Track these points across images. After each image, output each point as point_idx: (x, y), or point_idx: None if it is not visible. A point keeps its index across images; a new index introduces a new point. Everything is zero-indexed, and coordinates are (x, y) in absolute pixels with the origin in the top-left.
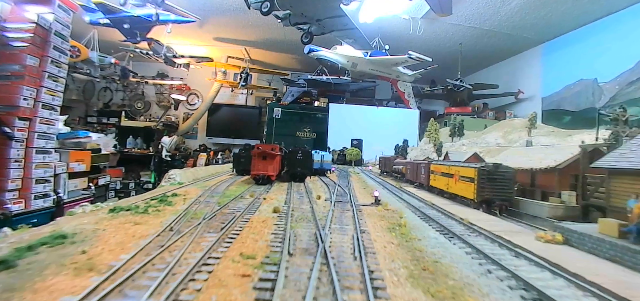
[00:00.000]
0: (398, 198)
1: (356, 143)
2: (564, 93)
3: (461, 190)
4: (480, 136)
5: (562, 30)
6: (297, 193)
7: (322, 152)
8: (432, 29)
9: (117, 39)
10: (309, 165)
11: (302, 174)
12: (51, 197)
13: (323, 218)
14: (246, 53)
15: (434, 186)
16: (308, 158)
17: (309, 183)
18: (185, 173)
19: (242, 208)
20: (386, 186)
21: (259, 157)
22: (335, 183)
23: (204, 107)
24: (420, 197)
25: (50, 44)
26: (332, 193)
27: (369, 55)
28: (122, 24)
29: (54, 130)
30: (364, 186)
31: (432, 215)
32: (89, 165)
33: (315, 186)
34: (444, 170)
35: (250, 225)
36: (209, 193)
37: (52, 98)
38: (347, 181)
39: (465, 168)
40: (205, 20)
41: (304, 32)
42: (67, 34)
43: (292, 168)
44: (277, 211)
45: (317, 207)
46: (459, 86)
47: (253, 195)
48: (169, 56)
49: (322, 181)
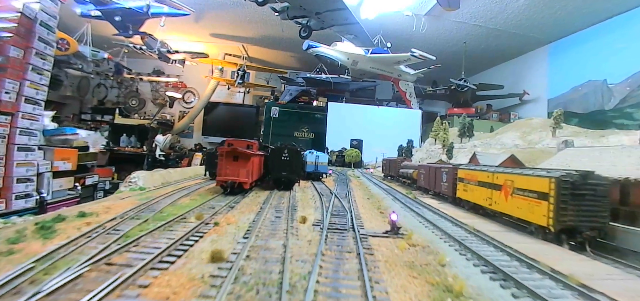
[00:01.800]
0: (420, 219)
1: (356, 144)
2: (571, 95)
3: (520, 210)
4: (495, 137)
5: (569, 30)
6: (275, 210)
7: (317, 153)
8: (436, 27)
9: (111, 34)
10: (297, 168)
11: (289, 180)
12: (34, 197)
13: (301, 278)
14: (244, 50)
15: (463, 199)
16: (297, 159)
17: (298, 192)
18: (152, 176)
19: (159, 249)
20: (396, 195)
21: (227, 158)
22: (331, 191)
23: (200, 105)
24: (451, 216)
25: (35, 35)
26: (326, 210)
27: (370, 52)
28: (113, 16)
29: (37, 127)
30: (368, 195)
31: (492, 256)
32: (75, 164)
33: (305, 196)
34: (483, 178)
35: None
36: (139, 210)
37: (36, 92)
38: (347, 188)
39: (528, 177)
40: (201, 15)
41: (302, 26)
42: (53, 25)
43: (276, 171)
44: (219, 258)
45: (298, 241)
46: (462, 86)
47: (201, 217)
48: (163, 51)
49: (315, 188)
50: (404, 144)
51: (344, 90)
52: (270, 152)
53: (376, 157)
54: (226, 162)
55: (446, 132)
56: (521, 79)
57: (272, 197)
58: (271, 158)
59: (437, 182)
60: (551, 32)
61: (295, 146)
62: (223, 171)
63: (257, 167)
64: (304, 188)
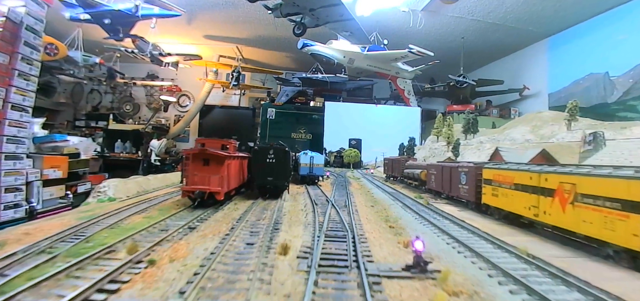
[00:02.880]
0: (444, 237)
1: (354, 144)
2: (572, 89)
3: (589, 225)
4: (502, 132)
5: (569, 23)
6: (250, 231)
7: (312, 153)
8: (433, 23)
9: (102, 38)
10: (285, 172)
11: (276, 186)
12: (23, 207)
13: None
14: (238, 51)
15: (492, 205)
16: (285, 161)
17: (287, 201)
18: (126, 184)
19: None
20: (404, 201)
21: (196, 162)
22: (327, 198)
23: (195, 108)
24: (483, 231)
25: (20, 40)
26: (319, 228)
27: (367, 50)
28: (102, 19)
29: (25, 134)
30: (371, 201)
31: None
32: (66, 172)
33: (295, 206)
34: (523, 180)
35: None
36: (63, 237)
37: (23, 98)
38: (346, 193)
39: (603, 179)
40: (193, 16)
41: (296, 23)
42: (40, 29)
43: (260, 177)
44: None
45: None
46: (462, 82)
47: (135, 250)
48: (155, 54)
49: (309, 194)
50: (404, 143)
51: (341, 90)
52: (253, 153)
53: (376, 157)
54: (194, 166)
55: (451, 128)
56: (520, 74)
57: (254, 208)
58: (254, 161)
59: (453, 184)
60: (550, 25)
61: (283, 145)
62: (190, 178)
63: (236, 172)
64: (295, 194)
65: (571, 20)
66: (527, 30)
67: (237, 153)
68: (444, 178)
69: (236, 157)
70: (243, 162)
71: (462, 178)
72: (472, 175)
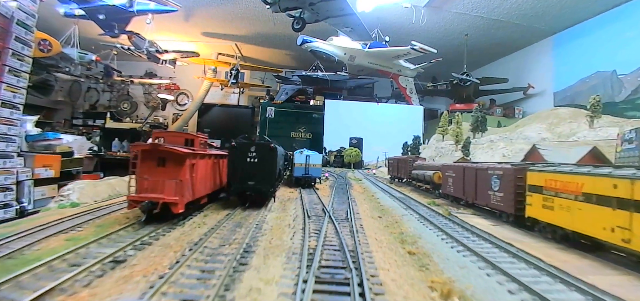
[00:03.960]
0: (498, 275)
1: (355, 143)
2: (578, 88)
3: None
4: (515, 130)
5: (575, 19)
6: (198, 272)
7: (308, 152)
8: (436, 19)
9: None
10: (271, 174)
11: (258, 192)
12: (13, 207)
13: None
14: (237, 49)
15: (543, 220)
16: (270, 160)
17: (272, 212)
18: (96, 187)
19: None
20: (419, 210)
21: (147, 161)
22: (324, 208)
23: (194, 107)
24: (550, 263)
25: (11, 35)
26: (307, 267)
27: (368, 47)
28: (97, 14)
29: (16, 132)
30: (378, 209)
31: None
32: (58, 171)
33: (281, 220)
34: (600, 189)
35: None
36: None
37: (13, 95)
38: (347, 199)
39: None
40: (191, 12)
41: (295, 18)
42: (32, 24)
43: (239, 181)
44: None
45: None
46: (465, 80)
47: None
48: (152, 51)
49: (302, 201)
50: (407, 142)
51: (342, 88)
52: (229, 150)
53: (377, 156)
54: (145, 168)
55: (460, 126)
56: (525, 72)
57: (225, 224)
58: (231, 161)
59: (480, 189)
60: (556, 23)
61: (268, 141)
62: (140, 183)
63: (206, 174)
64: (286, 201)
65: (577, 17)
66: (532, 27)
67: (209, 150)
68: (466, 182)
69: (207, 155)
70: (221, 162)
71: (494, 183)
72: (510, 179)
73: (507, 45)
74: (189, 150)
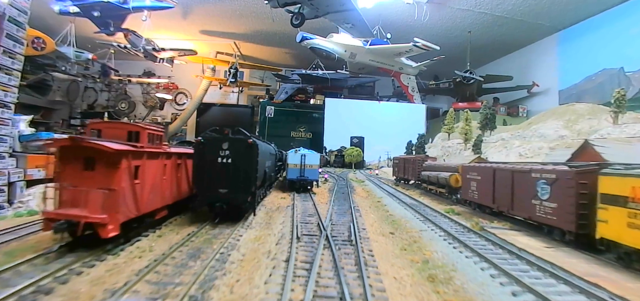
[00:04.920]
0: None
1: (357, 142)
2: (584, 85)
3: None
4: (529, 127)
5: (581, 16)
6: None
7: (304, 151)
8: (439, 16)
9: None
10: (248, 178)
11: (232, 203)
12: (5, 209)
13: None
14: (236, 47)
15: (628, 246)
16: (249, 160)
17: (252, 229)
18: None
19: None
20: (441, 223)
21: (72, 162)
22: (321, 222)
23: (193, 106)
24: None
25: (2, 32)
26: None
27: (369, 44)
28: (91, 11)
29: (7, 132)
30: (389, 222)
31: None
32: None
33: (259, 246)
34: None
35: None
36: None
37: (5, 94)
38: (350, 208)
39: None
40: (188, 10)
41: (293, 14)
42: (24, 21)
43: (210, 187)
44: None
45: None
46: (469, 78)
47: None
48: (148, 49)
49: (294, 211)
50: (412, 141)
51: (342, 87)
52: (195, 148)
53: (379, 156)
54: (68, 171)
55: (469, 123)
56: (529, 70)
57: (177, 252)
58: (198, 162)
59: (518, 197)
60: (561, 19)
61: (246, 135)
62: (59, 194)
63: (159, 180)
64: (273, 212)
65: (583, 13)
66: (537, 24)
67: (166, 147)
68: (498, 186)
69: (164, 154)
70: (187, 163)
71: (542, 190)
72: (569, 185)
73: (511, 42)
74: (128, 147)
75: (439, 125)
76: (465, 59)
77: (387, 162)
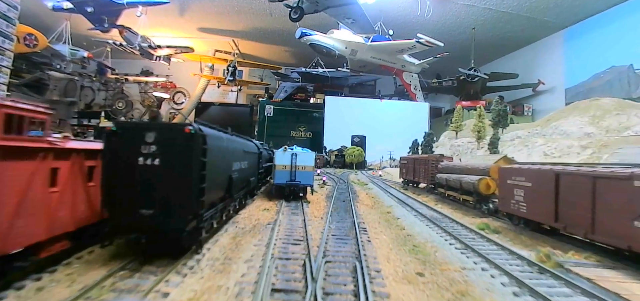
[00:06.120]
0: None
1: (358, 141)
2: (592, 83)
3: None
4: (548, 125)
5: (588, 12)
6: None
7: (296, 149)
8: (442, 12)
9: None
10: (187, 194)
11: (164, 227)
12: None
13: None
14: (234, 45)
15: None
16: (186, 160)
17: (191, 276)
18: None
19: None
20: (487, 253)
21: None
22: (308, 257)
23: (191, 105)
24: None
25: None
26: None
27: (371, 40)
28: (85, 7)
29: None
30: (410, 247)
31: None
32: None
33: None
34: None
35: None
36: None
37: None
38: (353, 225)
39: None
40: (186, 6)
41: (292, 8)
42: (14, 17)
43: (125, 205)
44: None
45: None
46: (473, 76)
47: None
48: (144, 46)
49: (276, 229)
50: (417, 139)
51: (343, 86)
52: (105, 142)
53: (382, 156)
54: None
55: (482, 120)
56: (534, 68)
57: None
58: (107, 166)
59: (602, 214)
60: (567, 15)
61: (183, 123)
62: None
63: (23, 197)
64: (243, 235)
65: (590, 9)
66: (542, 21)
67: (60, 141)
68: (565, 198)
69: (41, 152)
70: (76, 164)
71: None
72: None
73: (516, 39)
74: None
75: (441, 124)
76: (468, 57)
77: (390, 162)
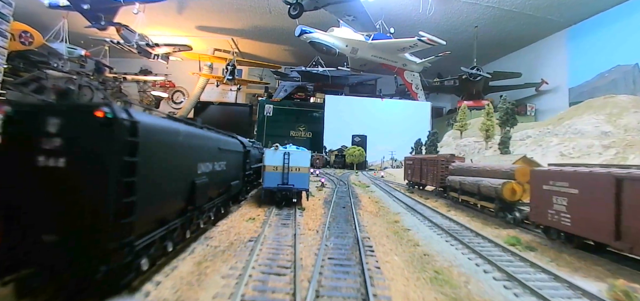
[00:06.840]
0: None
1: (359, 141)
2: (596, 83)
3: None
4: (561, 124)
5: (592, 11)
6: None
7: (291, 148)
8: (444, 10)
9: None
10: (99, 209)
11: (74, 263)
12: None
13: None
14: (234, 44)
15: None
16: (103, 159)
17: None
18: None
19: None
20: (539, 287)
21: None
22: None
23: (190, 105)
24: None
25: None
26: None
27: (372, 38)
28: (81, 4)
29: None
30: (435, 279)
31: None
32: None
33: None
34: None
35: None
36: None
37: None
38: (356, 243)
39: None
40: (184, 4)
41: (291, 4)
42: (8, 13)
43: (19, 231)
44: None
45: None
46: (475, 75)
47: None
48: (142, 45)
49: (257, 249)
50: (421, 139)
51: (343, 85)
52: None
53: (383, 156)
54: None
55: (491, 118)
56: (537, 68)
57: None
58: (1, 171)
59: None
60: (571, 14)
61: (96, 103)
62: None
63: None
64: (215, 256)
65: (594, 8)
66: (546, 19)
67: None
68: (631, 212)
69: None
70: None
71: None
72: None
73: (519, 38)
74: None
75: (442, 124)
76: (471, 56)
77: (392, 162)
